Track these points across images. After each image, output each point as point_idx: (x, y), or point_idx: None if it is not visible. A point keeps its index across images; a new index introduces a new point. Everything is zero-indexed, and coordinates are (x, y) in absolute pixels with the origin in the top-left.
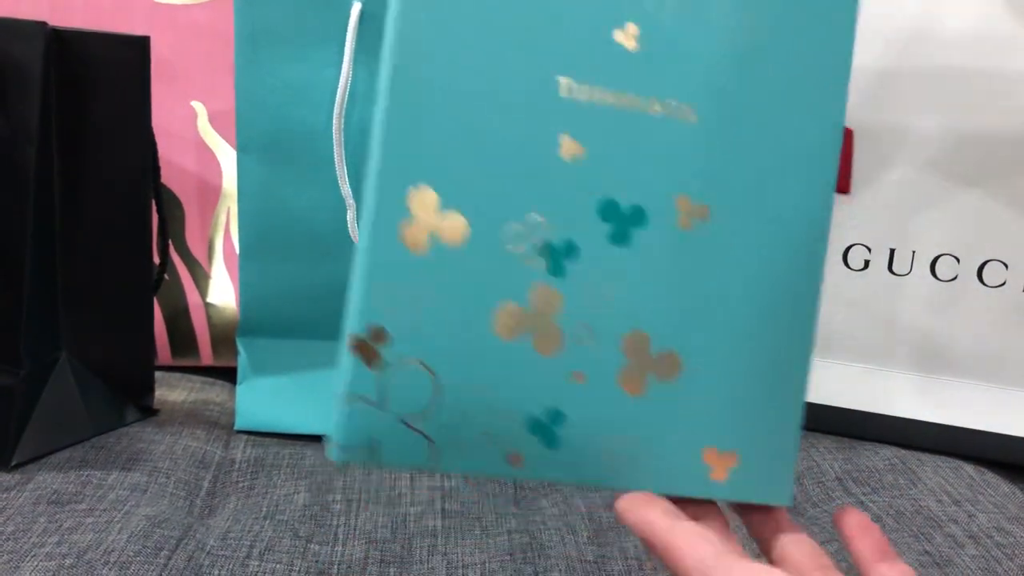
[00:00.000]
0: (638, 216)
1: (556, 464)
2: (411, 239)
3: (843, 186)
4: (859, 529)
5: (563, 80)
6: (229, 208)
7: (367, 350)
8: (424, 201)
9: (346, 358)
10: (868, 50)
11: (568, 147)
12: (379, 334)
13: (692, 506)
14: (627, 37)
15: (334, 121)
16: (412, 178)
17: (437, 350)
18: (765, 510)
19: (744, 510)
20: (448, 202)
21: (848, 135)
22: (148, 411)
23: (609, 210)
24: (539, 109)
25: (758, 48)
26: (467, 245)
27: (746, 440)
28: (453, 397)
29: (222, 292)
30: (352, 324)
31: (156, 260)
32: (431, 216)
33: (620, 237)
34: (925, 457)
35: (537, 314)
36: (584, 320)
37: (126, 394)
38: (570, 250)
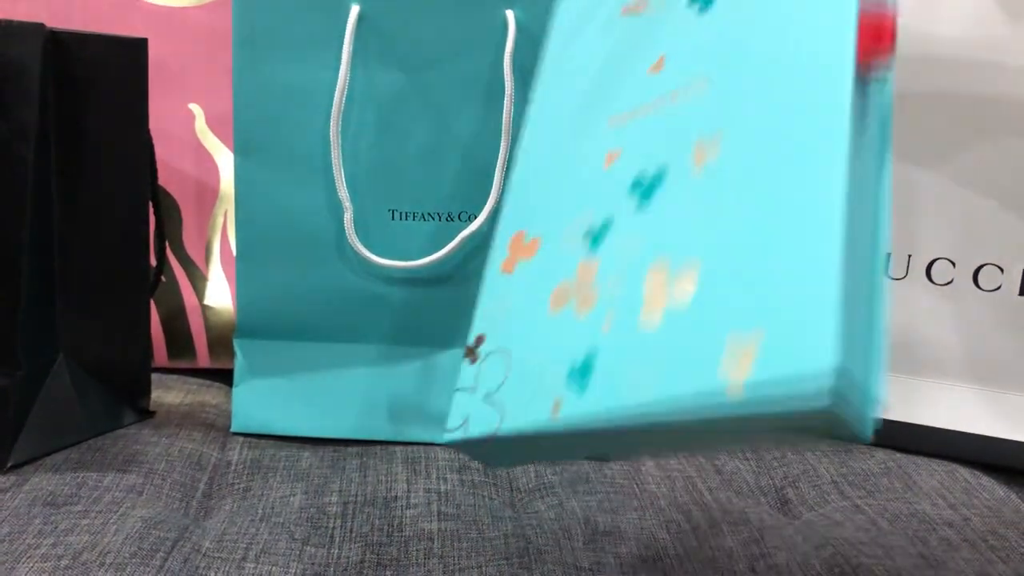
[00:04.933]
0: (658, 178)
1: (587, 409)
2: (507, 268)
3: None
4: None
5: (611, 119)
6: (226, 210)
7: (471, 353)
8: (517, 241)
9: (462, 364)
10: None
11: (609, 157)
12: (479, 339)
13: None
14: (657, 67)
15: (331, 124)
16: (513, 226)
17: (511, 335)
18: None
19: None
20: (531, 234)
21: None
22: (144, 413)
23: (636, 184)
24: (594, 147)
25: (767, 31)
26: (538, 256)
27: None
28: (519, 368)
29: (219, 294)
30: (468, 339)
31: (153, 262)
32: (520, 248)
33: (644, 199)
34: (920, 460)
35: (580, 283)
36: (614, 273)
37: (123, 396)
38: (606, 227)
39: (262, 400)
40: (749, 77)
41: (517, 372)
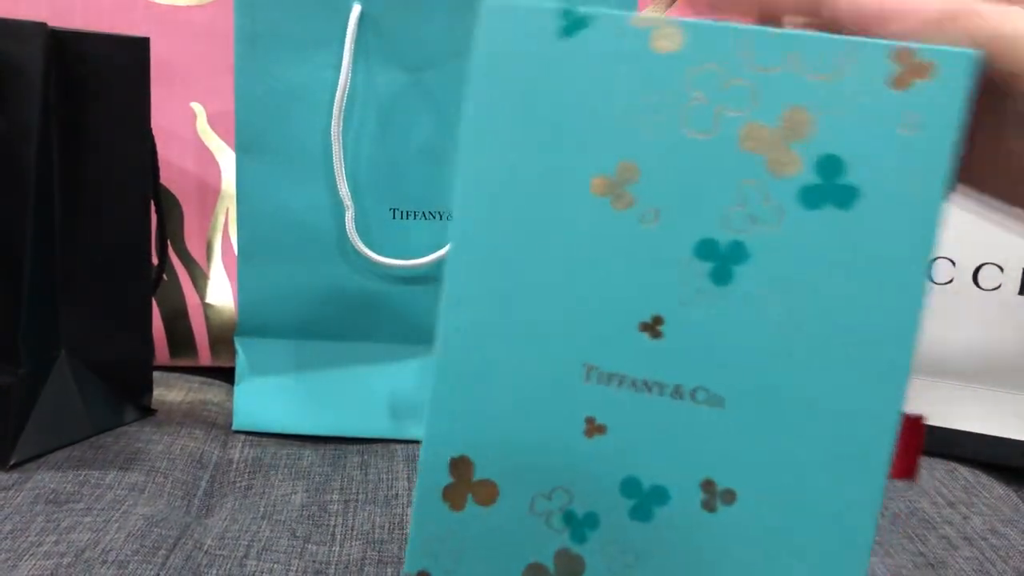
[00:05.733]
0: (660, 495)
1: None
2: (451, 498)
3: (904, 471)
4: None
5: (588, 367)
6: (228, 209)
7: None
8: (462, 468)
9: None
10: None
11: (591, 427)
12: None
13: None
14: (652, 330)
15: (333, 123)
16: (454, 447)
17: None
18: None
19: None
20: (483, 471)
21: (917, 425)
22: (146, 411)
23: (631, 487)
24: (566, 394)
25: (801, 333)
26: (498, 507)
27: None
28: None
29: (220, 292)
30: (406, 566)
31: (155, 260)
32: (468, 481)
33: (641, 513)
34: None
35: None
36: None
37: (124, 394)
38: (592, 521)
39: (263, 398)
40: (769, 429)
41: None
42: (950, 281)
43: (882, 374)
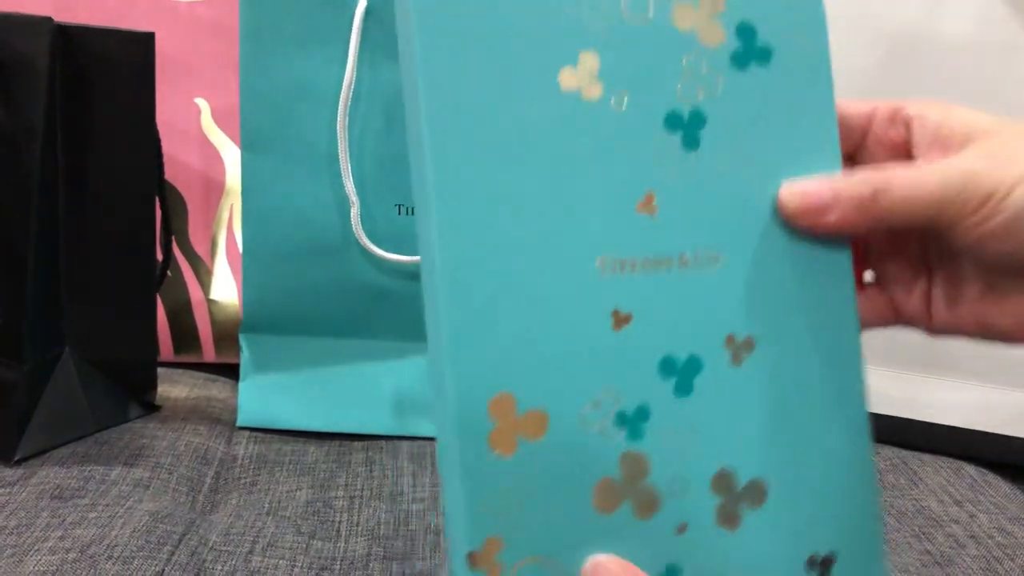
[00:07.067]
0: (695, 365)
1: None
2: (499, 444)
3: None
4: None
5: (601, 261)
6: (232, 205)
7: (487, 562)
8: (504, 407)
9: (468, 575)
10: (870, 52)
11: (618, 320)
12: (493, 543)
13: None
14: (648, 207)
15: (338, 119)
16: (488, 388)
17: (551, 541)
18: None
19: None
20: (525, 402)
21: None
22: (150, 407)
23: (668, 367)
24: (585, 293)
25: (762, 178)
26: (549, 436)
27: (840, 539)
28: None
29: (225, 289)
30: (466, 541)
31: (159, 257)
32: (513, 419)
33: (683, 388)
34: (926, 457)
35: (630, 481)
36: (673, 473)
37: (129, 390)
38: (642, 413)
39: (268, 394)
40: (767, 268)
41: None
42: None
43: None
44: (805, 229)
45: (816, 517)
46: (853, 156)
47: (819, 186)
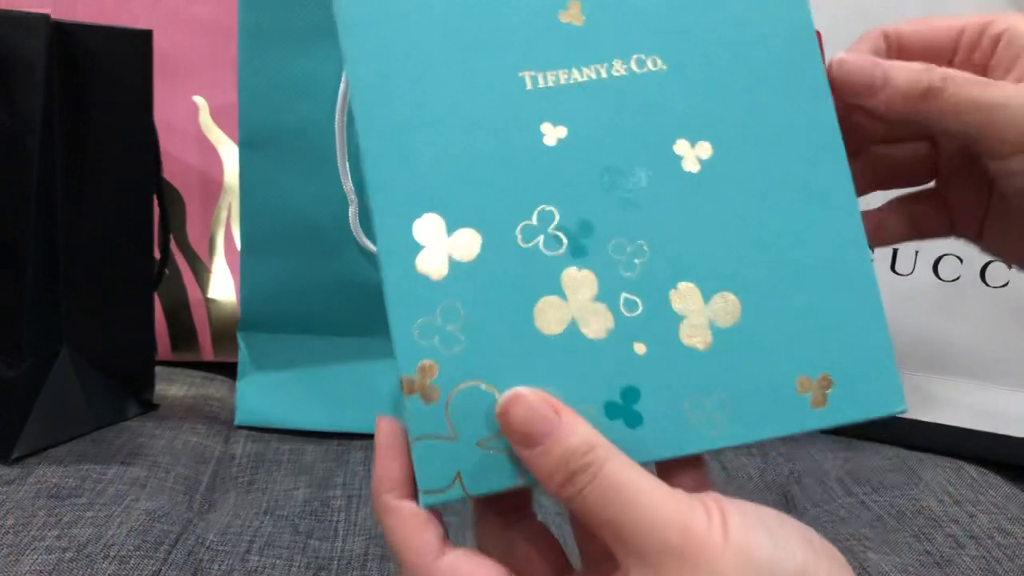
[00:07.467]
0: (641, 173)
1: (645, 443)
2: (428, 267)
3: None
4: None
5: (526, 74)
6: (230, 203)
7: (421, 387)
8: (430, 227)
9: (406, 402)
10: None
11: (551, 133)
12: (428, 368)
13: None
14: (572, 16)
15: (336, 116)
16: (413, 211)
17: (489, 365)
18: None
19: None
20: (454, 222)
21: (819, 37)
22: (148, 406)
23: (611, 179)
24: (512, 108)
25: None
26: (483, 256)
27: (835, 358)
28: None
29: (223, 287)
30: (400, 367)
31: (157, 255)
32: (442, 239)
33: (629, 201)
34: (926, 457)
35: (575, 299)
36: (625, 290)
37: (126, 388)
38: (585, 228)
39: (266, 393)
40: (717, 68)
41: None
42: (957, 278)
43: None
44: (850, 101)
45: (803, 335)
46: None
47: (872, 65)
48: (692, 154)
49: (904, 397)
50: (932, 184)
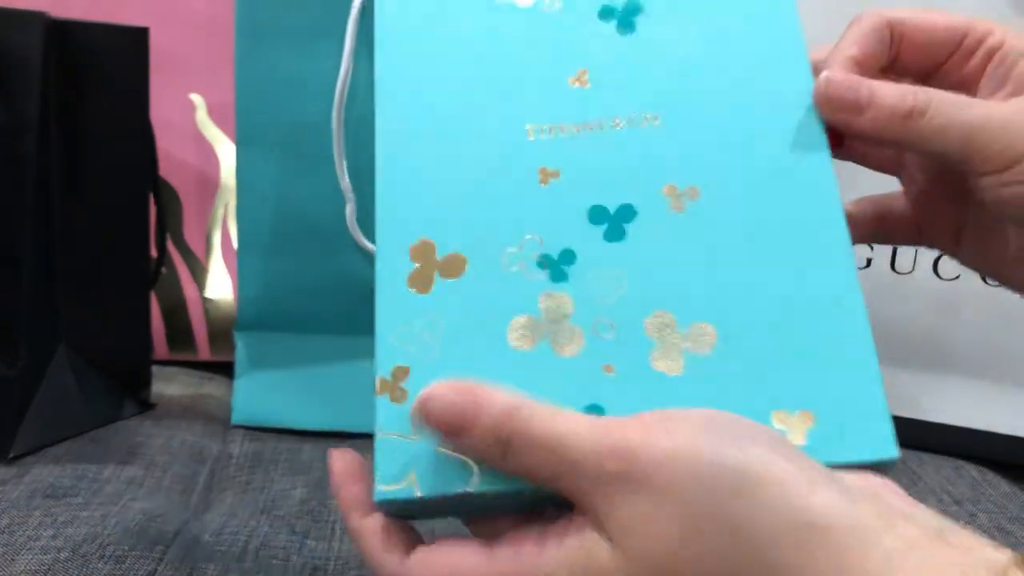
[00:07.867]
0: (627, 212)
1: None
2: (417, 283)
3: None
4: (347, 476)
5: (531, 127)
6: (227, 202)
7: (391, 388)
8: (424, 250)
9: (376, 400)
10: None
11: (545, 175)
12: (401, 370)
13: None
14: (580, 80)
15: (334, 114)
16: (410, 235)
17: (460, 374)
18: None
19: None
20: (445, 246)
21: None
22: (145, 405)
23: (598, 214)
24: (513, 154)
25: (705, 48)
26: (468, 274)
27: (817, 396)
28: None
29: (220, 286)
30: (377, 369)
31: (154, 254)
32: (432, 261)
33: (614, 234)
34: (926, 457)
35: (550, 319)
36: (600, 315)
37: (123, 387)
38: (567, 257)
39: (263, 393)
40: (712, 123)
41: None
42: (957, 277)
43: (782, 51)
44: (835, 124)
45: (783, 370)
46: (931, 74)
47: (859, 83)
48: (679, 195)
49: (896, 443)
50: (902, 189)
